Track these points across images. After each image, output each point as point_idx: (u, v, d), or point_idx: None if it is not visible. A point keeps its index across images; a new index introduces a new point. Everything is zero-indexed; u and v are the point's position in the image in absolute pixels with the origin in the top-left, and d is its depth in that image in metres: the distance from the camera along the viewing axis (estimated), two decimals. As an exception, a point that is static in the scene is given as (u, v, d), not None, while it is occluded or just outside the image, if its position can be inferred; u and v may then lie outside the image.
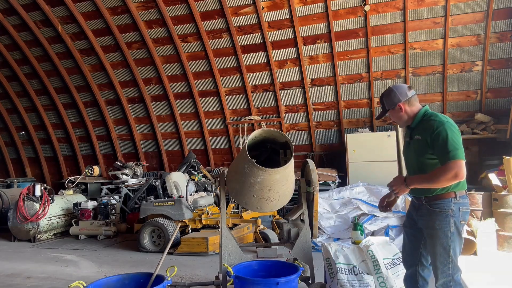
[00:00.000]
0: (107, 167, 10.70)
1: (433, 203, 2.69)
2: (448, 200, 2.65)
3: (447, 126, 2.58)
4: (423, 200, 2.74)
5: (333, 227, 6.50)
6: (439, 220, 2.65)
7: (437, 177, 2.55)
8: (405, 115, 2.82)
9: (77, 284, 2.58)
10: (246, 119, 9.56)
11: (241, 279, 3.09)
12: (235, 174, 3.61)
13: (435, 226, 2.66)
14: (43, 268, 5.70)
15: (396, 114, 2.83)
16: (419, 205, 2.80)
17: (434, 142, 2.59)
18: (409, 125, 2.85)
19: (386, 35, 8.10)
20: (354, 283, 3.48)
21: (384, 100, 2.88)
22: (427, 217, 2.71)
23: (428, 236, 2.72)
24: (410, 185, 2.66)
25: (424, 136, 2.66)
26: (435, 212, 2.66)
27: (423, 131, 2.68)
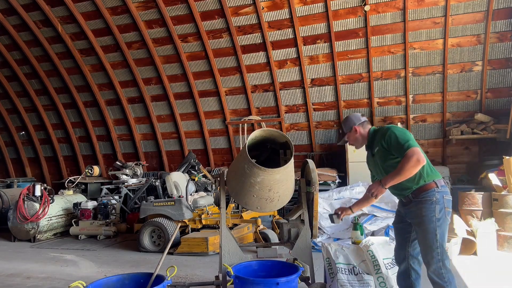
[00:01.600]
0: (107, 167, 10.70)
1: (419, 195, 2.94)
2: (432, 190, 2.91)
3: (392, 128, 3.00)
4: (410, 196, 2.99)
5: (333, 227, 6.50)
6: (425, 208, 2.88)
7: (403, 167, 2.82)
8: (359, 137, 3.24)
9: (77, 284, 2.58)
10: (246, 119, 9.56)
11: (241, 279, 3.09)
12: (235, 174, 3.61)
13: (422, 213, 2.88)
14: (43, 268, 5.70)
15: (353, 136, 3.25)
16: (407, 202, 3.04)
17: (388, 144, 2.95)
18: (366, 144, 3.26)
19: (386, 35, 8.10)
20: (354, 283, 3.48)
21: (342, 125, 3.32)
22: (414, 207, 2.95)
23: (416, 224, 2.94)
24: (385, 184, 2.90)
25: (381, 144, 3.01)
26: (421, 201, 2.91)
27: (378, 142, 3.05)
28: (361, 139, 3.25)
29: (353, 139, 3.27)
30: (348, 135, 3.28)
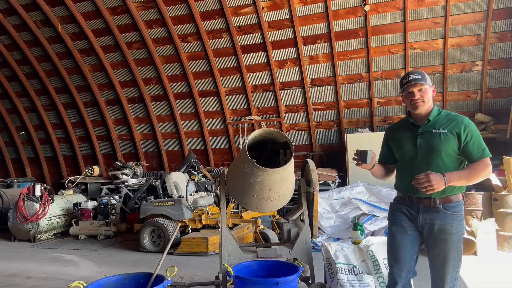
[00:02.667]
0: (107, 167, 10.70)
1: (449, 205, 2.59)
2: (461, 203, 2.63)
3: (473, 125, 2.64)
4: (438, 203, 2.59)
5: (333, 227, 6.50)
6: (456, 224, 2.56)
7: (479, 172, 2.53)
8: (431, 100, 2.72)
9: (77, 284, 2.58)
10: (246, 119, 9.56)
11: (241, 279, 3.09)
12: (235, 174, 3.61)
13: (452, 231, 2.55)
14: (43, 268, 5.70)
15: (427, 94, 2.68)
16: (428, 208, 2.62)
17: (466, 138, 2.56)
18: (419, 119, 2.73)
19: (386, 35, 8.10)
20: (354, 283, 3.48)
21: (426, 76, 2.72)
22: (441, 221, 2.57)
23: (441, 241, 2.56)
24: (450, 181, 2.45)
25: (454, 131, 2.59)
26: (452, 216, 2.57)
27: (449, 125, 2.61)
28: (430, 103, 2.71)
29: (427, 97, 2.67)
30: (425, 89, 2.67)
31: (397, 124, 3.00)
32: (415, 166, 2.65)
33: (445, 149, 2.59)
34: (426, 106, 2.68)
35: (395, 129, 2.93)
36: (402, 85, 2.74)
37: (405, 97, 2.75)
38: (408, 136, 2.75)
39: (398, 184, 2.84)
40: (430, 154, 2.62)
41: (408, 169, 2.69)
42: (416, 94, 2.67)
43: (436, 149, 2.60)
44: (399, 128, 2.87)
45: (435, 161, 2.60)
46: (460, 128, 2.58)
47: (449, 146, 2.58)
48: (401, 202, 2.80)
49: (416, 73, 2.70)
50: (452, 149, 2.59)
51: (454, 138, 2.58)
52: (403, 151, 2.76)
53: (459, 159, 2.64)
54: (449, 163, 2.60)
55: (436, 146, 2.60)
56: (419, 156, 2.66)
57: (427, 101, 2.68)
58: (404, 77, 2.76)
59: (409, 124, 2.78)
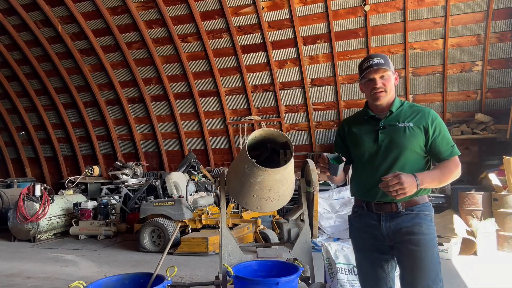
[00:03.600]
0: (107, 167, 10.70)
1: (414, 207, 2.26)
2: (428, 204, 2.31)
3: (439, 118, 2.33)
4: (400, 206, 2.25)
5: (333, 227, 6.50)
6: (426, 225, 2.23)
7: (451, 172, 2.23)
8: (393, 88, 2.37)
9: (77, 284, 2.58)
10: (246, 119, 9.55)
11: (241, 279, 3.09)
12: (235, 174, 3.61)
13: (422, 230, 2.20)
14: (43, 268, 5.70)
15: (390, 82, 2.32)
16: (390, 215, 2.28)
17: (434, 132, 2.25)
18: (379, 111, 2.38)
19: (386, 35, 8.10)
20: (354, 283, 3.48)
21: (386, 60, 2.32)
22: (407, 223, 2.23)
23: (412, 244, 2.19)
24: (423, 183, 2.12)
25: (419, 123, 2.27)
26: (419, 216, 2.24)
27: (414, 118, 2.29)
28: (392, 93, 2.37)
29: (390, 85, 2.32)
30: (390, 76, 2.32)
31: (354, 117, 2.56)
32: (376, 166, 2.30)
33: (411, 146, 2.24)
34: (388, 96, 2.33)
35: (352, 122, 2.50)
36: (362, 70, 2.33)
37: (364, 85, 2.36)
38: (368, 130, 2.36)
39: (354, 188, 2.45)
40: (393, 151, 2.27)
41: (367, 170, 2.34)
42: (377, 81, 2.28)
43: (400, 146, 2.25)
44: (357, 122, 2.47)
45: (399, 159, 2.25)
46: (427, 121, 2.26)
47: (415, 142, 2.25)
48: (358, 213, 2.41)
49: (378, 57, 2.31)
50: (419, 145, 2.25)
51: (420, 133, 2.25)
52: (362, 148, 2.36)
53: (426, 158, 2.32)
54: (415, 162, 2.27)
55: (400, 142, 2.25)
56: (380, 154, 2.30)
57: (389, 90, 2.32)
58: (364, 61, 2.35)
59: (368, 117, 2.40)
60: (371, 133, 2.35)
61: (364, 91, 2.39)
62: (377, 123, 2.35)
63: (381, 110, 2.37)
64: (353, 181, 2.46)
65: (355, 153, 2.43)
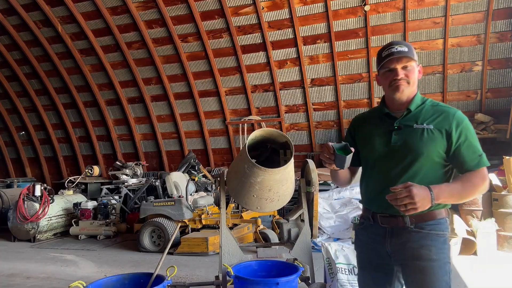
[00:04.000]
0: (107, 167, 10.70)
1: (424, 224, 1.92)
2: (443, 220, 1.95)
3: (467, 121, 1.95)
4: (408, 221, 1.92)
5: (333, 227, 6.50)
6: (437, 248, 1.90)
7: (475, 187, 1.88)
8: (415, 82, 2.00)
9: (77, 284, 2.57)
10: (246, 119, 9.55)
11: (241, 279, 3.09)
12: (235, 174, 3.61)
13: (431, 256, 1.88)
14: (43, 268, 5.70)
15: (413, 73, 1.98)
16: (397, 230, 1.96)
17: (459, 138, 1.90)
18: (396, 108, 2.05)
19: (386, 35, 8.10)
20: (354, 283, 3.47)
21: (410, 48, 1.98)
22: (414, 243, 1.92)
23: (418, 271, 1.90)
24: (438, 198, 1.78)
25: (441, 127, 1.92)
26: (429, 237, 1.91)
27: (436, 120, 1.94)
28: (414, 87, 2.01)
29: (413, 78, 1.98)
30: (413, 68, 1.98)
31: (367, 114, 2.27)
32: (385, 172, 1.99)
33: (428, 152, 1.91)
34: (410, 89, 1.99)
35: (364, 119, 2.21)
36: (381, 59, 1.99)
37: (382, 76, 2.01)
38: (380, 130, 2.05)
39: (362, 195, 2.16)
40: (406, 156, 1.94)
41: (375, 175, 2.05)
42: (399, 72, 1.95)
43: (415, 151, 1.92)
44: (370, 119, 2.17)
45: (412, 167, 1.93)
46: (451, 124, 1.91)
47: (434, 147, 1.91)
48: (364, 224, 2.12)
49: (402, 44, 1.98)
50: (438, 151, 1.92)
51: (442, 138, 1.91)
52: (371, 150, 2.06)
53: (446, 167, 1.98)
54: (432, 171, 1.94)
55: (416, 146, 1.92)
56: (391, 159, 1.98)
57: (413, 82, 1.98)
58: (384, 48, 2.01)
59: (382, 115, 2.07)
60: (384, 134, 2.02)
61: (381, 83, 2.05)
62: (392, 122, 2.02)
63: (399, 107, 2.02)
64: (361, 186, 2.17)
65: (364, 155, 2.12)
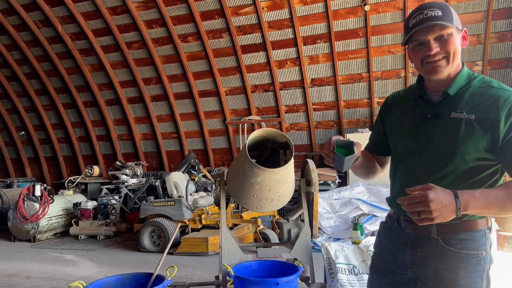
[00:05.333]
0: (107, 167, 10.70)
1: (454, 238, 1.52)
2: (480, 233, 1.53)
3: None
4: (434, 231, 1.54)
5: (333, 227, 6.50)
6: (466, 271, 1.50)
7: None
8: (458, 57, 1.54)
9: (77, 284, 2.57)
10: (246, 119, 9.55)
11: (241, 279, 3.09)
12: (235, 174, 3.61)
13: (458, 281, 1.50)
14: (43, 268, 5.70)
15: (453, 44, 1.50)
16: (420, 239, 1.59)
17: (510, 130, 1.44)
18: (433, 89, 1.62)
19: (386, 35, 8.10)
20: (354, 283, 3.47)
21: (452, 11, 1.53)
22: (439, 262, 1.53)
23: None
24: (467, 209, 1.35)
25: (485, 115, 1.47)
26: (458, 257, 1.51)
27: (481, 106, 1.49)
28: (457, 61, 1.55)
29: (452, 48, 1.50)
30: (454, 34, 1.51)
31: (403, 93, 1.81)
32: (412, 169, 1.63)
33: (465, 148, 1.49)
34: (451, 67, 1.53)
35: (397, 101, 1.79)
36: (408, 29, 1.54)
37: (412, 51, 1.58)
38: (412, 116, 1.65)
39: (390, 193, 1.80)
40: (437, 152, 1.55)
41: (401, 170, 1.69)
42: (432, 45, 1.49)
43: (448, 146, 1.52)
44: (403, 102, 1.75)
45: (446, 167, 1.53)
46: (499, 110, 1.44)
47: (472, 143, 1.48)
48: (389, 224, 1.77)
49: (434, 7, 1.50)
50: (478, 148, 1.49)
51: (484, 130, 1.46)
52: (399, 140, 1.71)
53: (493, 168, 1.53)
54: (471, 173, 1.51)
55: (449, 140, 1.51)
56: (419, 153, 1.60)
57: (452, 58, 1.51)
58: (412, 14, 1.55)
59: (417, 97, 1.66)
60: (415, 121, 1.63)
61: (412, 60, 1.60)
62: (427, 107, 1.61)
63: (436, 87, 1.60)
64: (390, 180, 1.80)
65: (392, 145, 1.76)
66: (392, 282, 1.70)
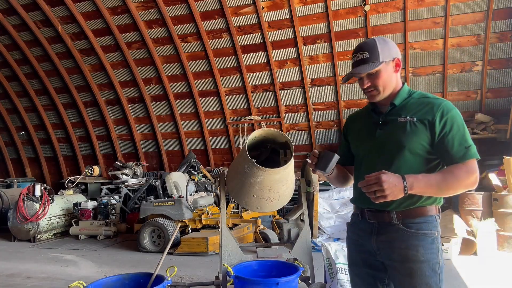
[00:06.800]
0: (107, 167, 10.70)
1: (411, 222, 1.87)
2: (432, 218, 1.89)
3: (456, 111, 1.86)
4: (394, 217, 1.88)
5: (333, 227, 6.50)
6: (424, 248, 1.84)
7: (458, 180, 1.77)
8: (393, 80, 1.96)
9: (77, 284, 2.57)
10: (246, 119, 9.55)
11: (241, 279, 3.09)
12: (235, 174, 3.61)
13: (418, 257, 1.83)
14: (43, 268, 5.70)
15: (385, 75, 1.92)
16: (383, 226, 1.92)
17: (445, 128, 1.82)
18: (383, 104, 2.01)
19: (386, 35, 8.09)
20: (354, 283, 3.47)
21: (379, 47, 1.90)
22: (401, 243, 1.86)
23: (406, 273, 1.85)
24: (412, 187, 1.71)
25: (425, 117, 1.86)
26: (416, 236, 1.85)
27: (420, 111, 1.89)
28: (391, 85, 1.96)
29: (382, 81, 1.93)
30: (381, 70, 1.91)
31: (359, 111, 2.25)
32: (370, 167, 1.91)
33: (411, 145, 1.86)
34: (385, 93, 1.95)
35: (355, 117, 2.22)
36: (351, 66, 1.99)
37: (358, 82, 2.01)
38: (368, 126, 2.04)
39: (353, 192, 2.15)
40: (390, 151, 1.91)
41: (362, 170, 2.00)
42: (364, 81, 1.94)
43: (397, 144, 1.89)
44: (360, 117, 2.18)
45: (396, 161, 1.88)
46: (435, 114, 1.84)
47: (416, 140, 1.85)
48: (353, 220, 2.12)
49: (364, 49, 1.92)
50: (421, 144, 1.86)
51: (425, 129, 1.85)
52: (359, 146, 2.08)
53: (432, 161, 1.90)
54: (417, 165, 1.87)
55: (398, 140, 1.88)
56: (376, 154, 1.96)
57: (383, 87, 1.93)
58: (352, 54, 1.98)
59: (370, 111, 2.07)
60: (370, 129, 2.02)
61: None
62: (378, 117, 2.01)
63: (384, 102, 2.00)
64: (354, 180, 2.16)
65: (354, 152, 2.13)
66: (369, 271, 2.01)
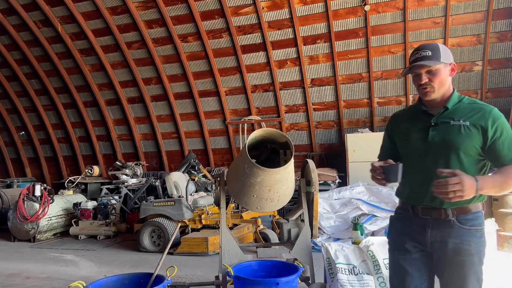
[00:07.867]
0: (107, 167, 10.70)
1: (464, 218, 2.04)
2: (479, 214, 2.07)
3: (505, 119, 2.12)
4: (450, 214, 2.05)
5: (333, 227, 6.50)
6: (475, 242, 2.03)
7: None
8: (448, 82, 2.11)
9: (77, 284, 2.57)
10: (246, 119, 9.55)
11: (241, 279, 3.09)
12: (235, 174, 3.61)
13: (470, 251, 2.01)
14: (43, 268, 5.70)
15: (443, 74, 2.08)
16: (438, 221, 2.08)
17: (496, 133, 2.01)
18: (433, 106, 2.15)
19: (386, 35, 8.10)
20: (354, 283, 3.47)
21: (441, 49, 2.08)
22: (456, 238, 2.03)
23: (457, 265, 2.03)
24: (483, 189, 1.88)
25: (477, 123, 2.03)
26: (470, 232, 2.03)
27: (472, 117, 2.05)
28: (445, 87, 2.11)
29: (439, 81, 2.08)
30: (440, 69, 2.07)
31: (405, 112, 2.41)
32: (425, 167, 2.09)
33: (465, 147, 2.02)
34: (439, 92, 2.10)
35: (402, 118, 2.33)
36: (410, 63, 2.13)
37: (413, 79, 2.16)
38: (418, 127, 2.16)
39: (401, 189, 2.28)
40: (444, 151, 2.05)
41: (416, 170, 2.14)
42: (423, 77, 2.07)
43: (453, 146, 2.03)
44: (407, 117, 2.29)
45: (451, 161, 2.04)
46: (487, 121, 2.03)
47: (470, 143, 2.02)
48: (402, 215, 2.25)
49: (427, 48, 2.08)
50: (474, 147, 2.03)
51: (478, 134, 2.02)
52: (410, 146, 2.18)
53: (481, 162, 2.09)
54: (469, 165, 2.04)
55: (453, 141, 2.03)
56: (430, 154, 2.09)
57: (439, 86, 2.08)
58: (412, 52, 2.14)
59: (419, 112, 2.19)
60: (421, 130, 2.13)
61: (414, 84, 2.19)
62: (429, 119, 2.12)
63: (435, 105, 2.13)
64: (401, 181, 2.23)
65: (403, 152, 2.24)
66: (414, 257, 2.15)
